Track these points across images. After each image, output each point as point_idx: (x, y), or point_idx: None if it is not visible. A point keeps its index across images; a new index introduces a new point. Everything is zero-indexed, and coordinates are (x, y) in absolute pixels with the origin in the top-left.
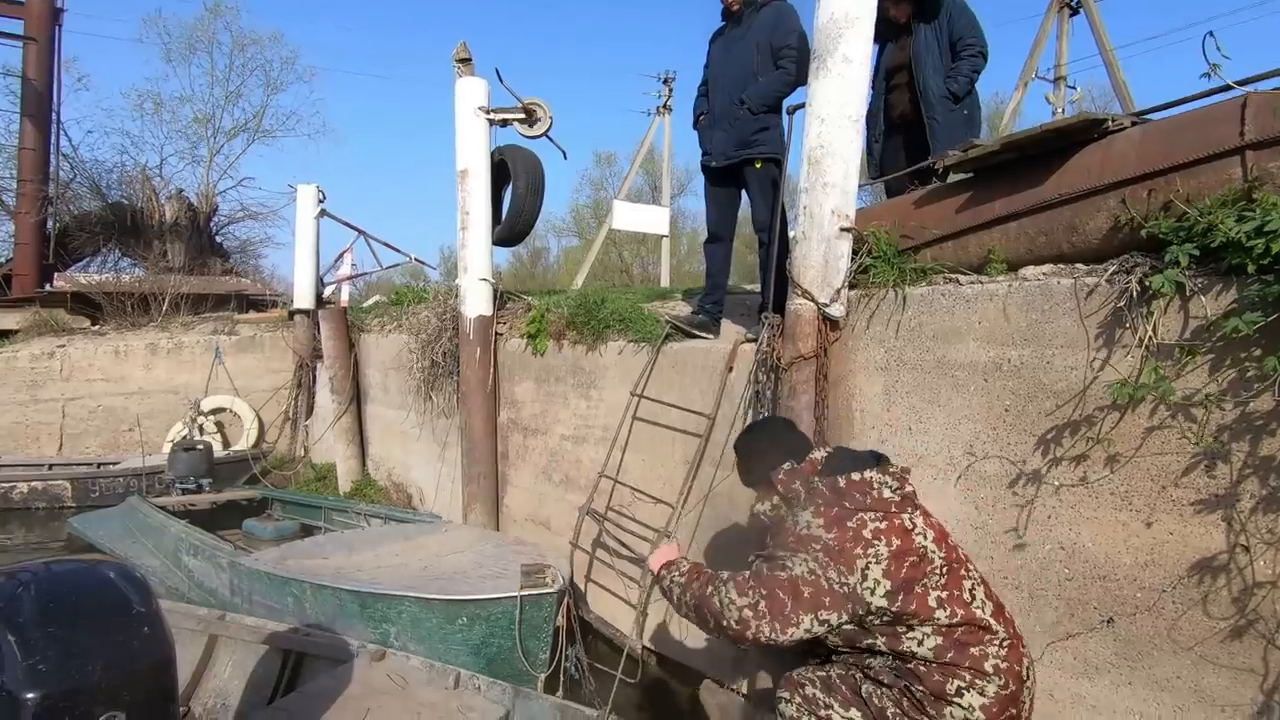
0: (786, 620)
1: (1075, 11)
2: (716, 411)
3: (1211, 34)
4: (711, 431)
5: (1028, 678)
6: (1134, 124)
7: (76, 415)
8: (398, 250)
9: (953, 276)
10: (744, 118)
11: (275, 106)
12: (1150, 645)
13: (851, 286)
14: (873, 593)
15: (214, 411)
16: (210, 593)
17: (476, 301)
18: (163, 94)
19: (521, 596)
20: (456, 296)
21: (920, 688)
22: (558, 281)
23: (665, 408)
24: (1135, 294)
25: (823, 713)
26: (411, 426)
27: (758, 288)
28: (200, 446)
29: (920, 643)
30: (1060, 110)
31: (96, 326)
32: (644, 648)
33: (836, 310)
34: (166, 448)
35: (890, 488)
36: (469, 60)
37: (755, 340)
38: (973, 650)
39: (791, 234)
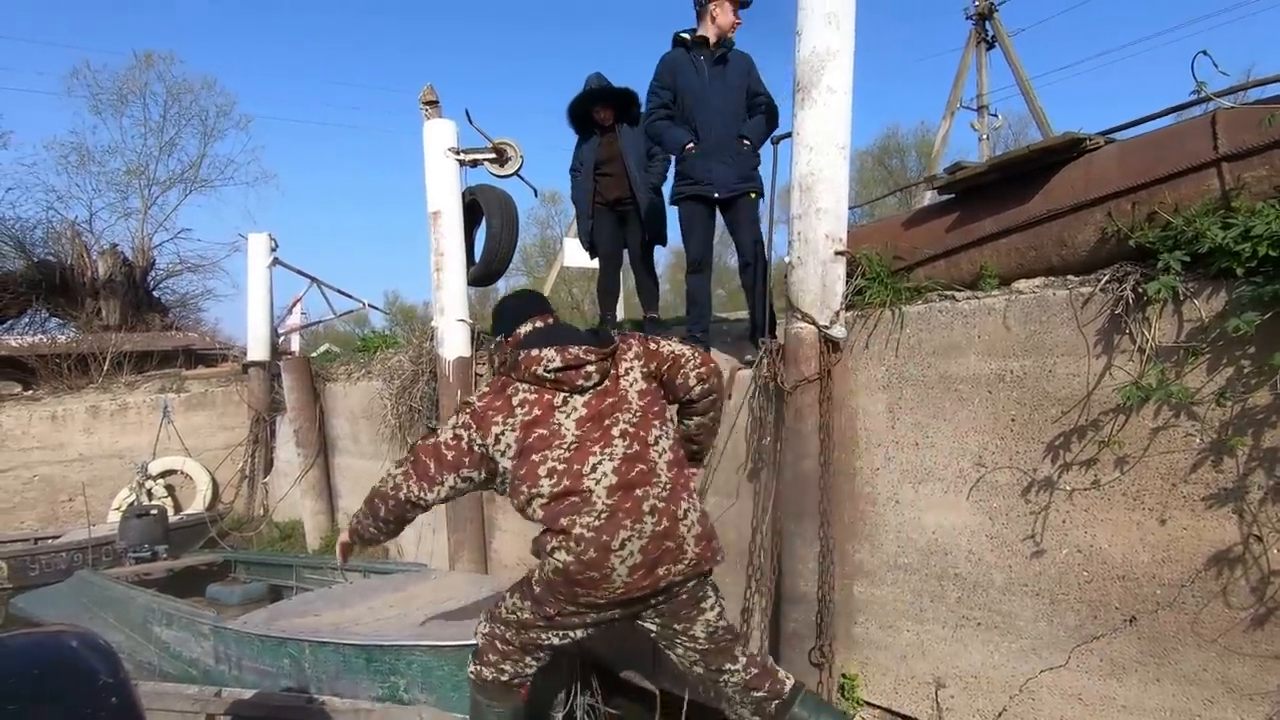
0: (432, 480)
1: (991, 46)
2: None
3: (1205, 52)
4: (712, 459)
5: (622, 548)
6: (1107, 142)
7: (10, 488)
8: (350, 296)
9: (948, 294)
10: (745, 152)
11: (213, 155)
12: (1175, 641)
13: (848, 308)
14: (503, 455)
15: (163, 474)
16: (190, 664)
17: (455, 343)
18: (90, 146)
19: None
20: (433, 339)
21: (542, 538)
22: None
23: None
24: (1130, 301)
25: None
26: None
27: (731, 315)
28: (155, 512)
29: (534, 508)
30: (985, 137)
31: (30, 391)
32: (661, 690)
33: (838, 332)
34: (112, 516)
35: (550, 366)
36: (436, 102)
37: (752, 365)
38: (563, 520)
39: (786, 259)
